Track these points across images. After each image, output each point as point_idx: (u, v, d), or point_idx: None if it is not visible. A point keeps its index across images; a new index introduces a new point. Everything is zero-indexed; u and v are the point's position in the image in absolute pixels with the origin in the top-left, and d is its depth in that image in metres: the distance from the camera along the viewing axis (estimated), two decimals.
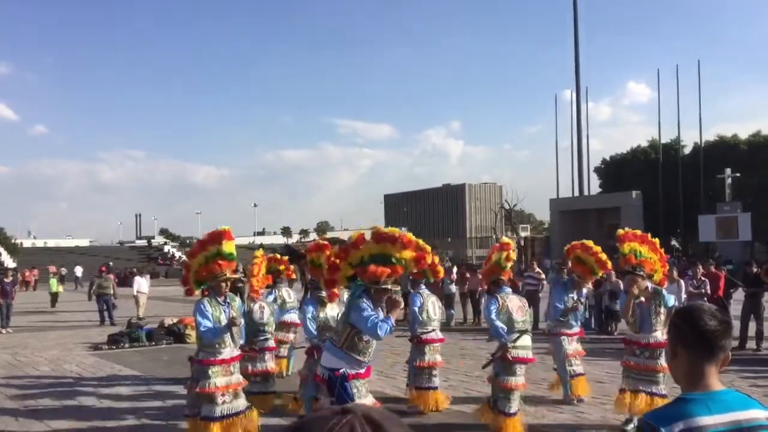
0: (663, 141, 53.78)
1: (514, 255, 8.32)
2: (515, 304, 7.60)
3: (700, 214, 45.53)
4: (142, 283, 21.61)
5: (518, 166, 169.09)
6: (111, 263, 35.21)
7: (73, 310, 25.53)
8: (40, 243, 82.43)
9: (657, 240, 8.22)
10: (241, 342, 7.48)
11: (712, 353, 2.12)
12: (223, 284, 7.03)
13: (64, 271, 49.35)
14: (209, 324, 6.76)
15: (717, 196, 45.50)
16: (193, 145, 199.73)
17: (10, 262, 54.23)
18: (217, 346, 6.85)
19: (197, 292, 7.33)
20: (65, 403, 9.39)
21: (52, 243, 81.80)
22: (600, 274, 8.29)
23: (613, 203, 50.13)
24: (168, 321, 16.48)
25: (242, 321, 7.26)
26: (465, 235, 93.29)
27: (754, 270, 13.76)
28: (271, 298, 10.32)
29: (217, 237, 7.13)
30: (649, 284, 7.61)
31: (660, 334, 7.43)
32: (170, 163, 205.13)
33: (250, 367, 8.63)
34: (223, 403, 6.77)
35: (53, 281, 29.56)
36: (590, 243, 9.27)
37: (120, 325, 17.81)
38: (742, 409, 2.08)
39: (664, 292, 7.68)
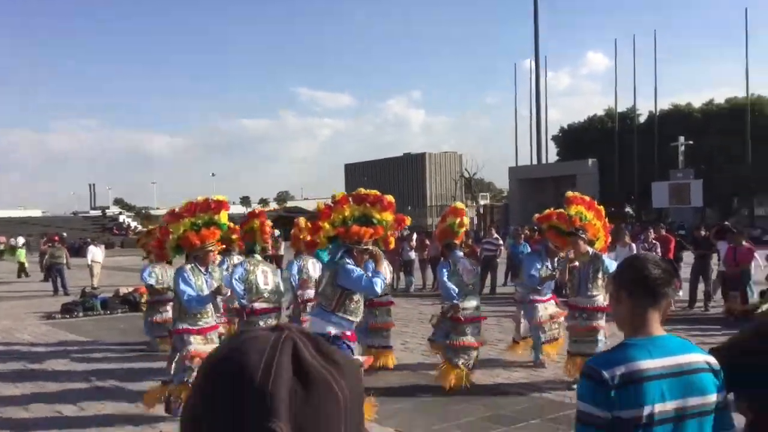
0: (619, 110, 54.54)
1: (467, 221, 8.46)
2: (466, 267, 7.93)
3: (653, 181, 46.48)
4: (96, 253, 21.21)
5: (478, 135, 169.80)
6: (65, 234, 34.42)
7: (25, 281, 25.00)
8: None
9: (603, 208, 8.32)
10: (244, 302, 7.52)
11: (654, 300, 2.15)
12: (210, 254, 6.86)
13: (13, 241, 48.12)
14: (192, 292, 6.59)
15: (670, 164, 46.44)
16: (148, 114, 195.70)
17: None
18: (198, 315, 6.73)
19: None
20: (16, 368, 9.23)
21: (3, 214, 79.59)
22: (602, 243, 8.29)
23: (570, 171, 50.86)
24: (123, 290, 16.24)
25: (228, 291, 7.12)
26: (425, 203, 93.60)
27: (703, 233, 14.14)
28: (224, 266, 10.21)
29: (216, 206, 6.89)
30: (589, 249, 7.72)
31: (601, 299, 7.58)
32: (124, 132, 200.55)
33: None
34: None
35: (21, 251, 28.76)
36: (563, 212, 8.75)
37: (74, 295, 17.48)
38: (682, 353, 2.11)
39: (605, 257, 7.78)
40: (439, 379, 7.74)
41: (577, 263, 7.73)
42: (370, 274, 6.02)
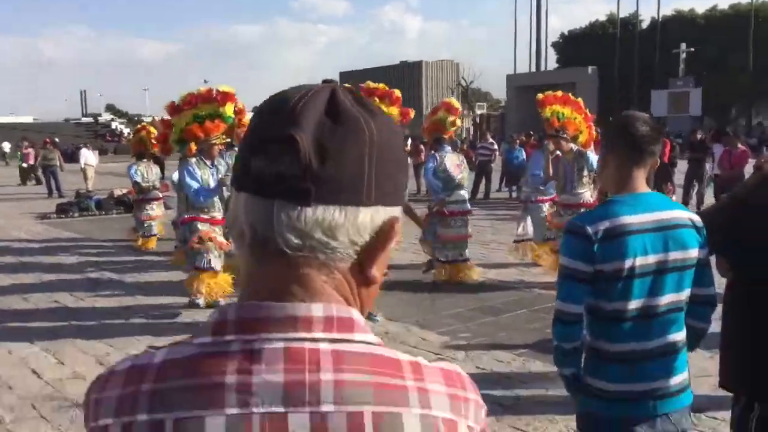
0: (621, 15, 53.27)
1: (459, 122, 8.34)
2: (453, 162, 7.89)
3: (653, 89, 45.93)
4: (89, 156, 21.08)
5: (475, 44, 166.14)
6: (57, 139, 34.06)
7: (18, 184, 24.94)
8: None
9: (581, 100, 7.99)
10: None
11: (641, 157, 2.13)
12: (215, 147, 6.72)
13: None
14: (196, 185, 6.50)
15: (671, 71, 45.76)
16: (139, 21, 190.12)
17: None
18: (205, 208, 6.70)
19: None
20: (12, 262, 9.36)
21: None
22: (586, 135, 8.01)
23: (569, 79, 50.04)
24: (117, 192, 16.27)
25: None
26: (421, 112, 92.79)
27: (699, 137, 14.07)
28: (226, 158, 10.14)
29: (222, 98, 6.66)
30: (573, 146, 7.52)
31: (587, 195, 7.54)
32: (115, 38, 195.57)
33: None
34: (218, 257, 6.73)
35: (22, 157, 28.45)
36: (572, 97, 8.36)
37: (68, 197, 17.52)
38: (665, 209, 2.12)
39: (589, 153, 7.51)
40: (429, 275, 7.84)
41: (559, 153, 7.57)
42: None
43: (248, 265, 0.76)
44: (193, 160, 6.66)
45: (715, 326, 2.31)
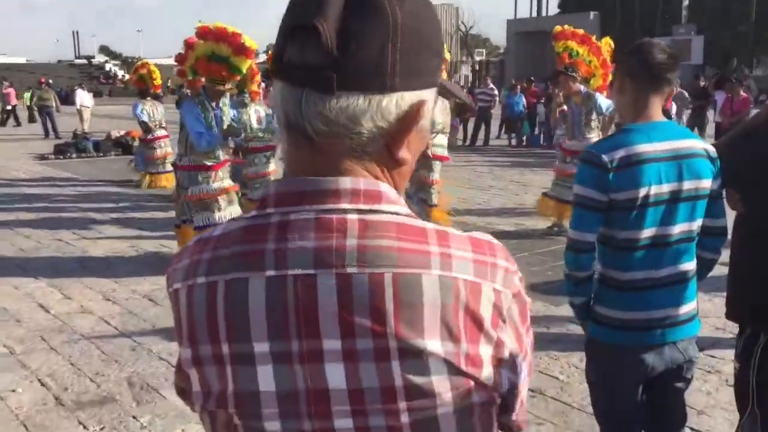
0: None
1: (448, 55, 8.07)
2: (439, 107, 7.70)
3: (655, 36, 45.30)
4: (84, 97, 20.83)
5: None
6: (50, 80, 33.60)
7: (13, 125, 24.72)
8: None
9: (608, 42, 7.62)
10: (239, 140, 7.46)
11: (658, 85, 2.12)
12: (219, 91, 6.29)
13: None
14: (201, 129, 6.11)
15: (673, 18, 45.08)
16: None
17: None
18: (208, 153, 6.28)
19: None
20: (13, 201, 9.36)
21: None
22: (600, 81, 7.64)
23: (570, 24, 49.28)
24: (115, 133, 16.15)
25: (241, 131, 6.87)
26: None
27: (702, 83, 13.96)
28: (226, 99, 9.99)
29: (236, 48, 6.15)
30: (582, 87, 7.20)
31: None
32: None
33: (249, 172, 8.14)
34: (219, 210, 6.30)
35: (28, 95, 28.00)
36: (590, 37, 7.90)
37: (65, 139, 17.39)
38: (681, 138, 2.12)
39: (598, 96, 7.19)
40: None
41: (565, 107, 7.29)
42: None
43: (287, 147, 0.82)
44: (196, 100, 6.35)
45: (716, 271, 2.33)
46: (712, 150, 2.16)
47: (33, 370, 4.09)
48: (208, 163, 6.27)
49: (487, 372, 0.78)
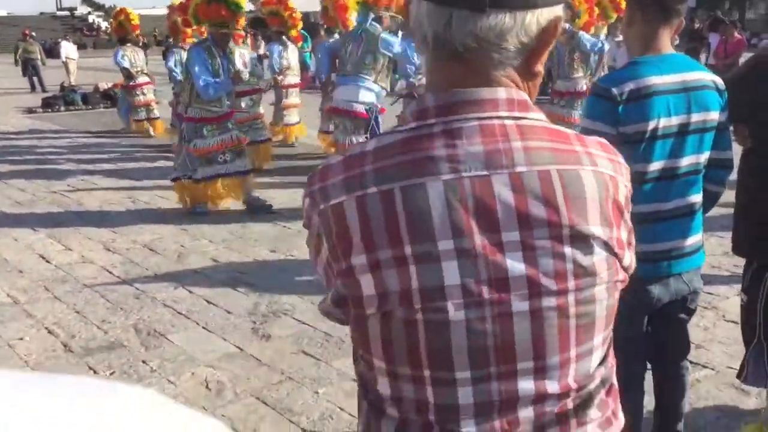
0: None
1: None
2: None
3: None
4: (70, 49, 20.45)
5: None
6: (34, 33, 32.85)
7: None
8: None
9: None
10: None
11: (667, 16, 2.10)
12: (225, 35, 6.06)
13: None
14: (209, 78, 5.86)
15: None
16: None
17: None
18: (212, 102, 6.09)
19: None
20: (3, 153, 9.28)
21: None
22: (613, 18, 7.61)
23: None
24: (103, 85, 15.90)
25: (247, 75, 6.80)
26: None
27: (696, 25, 13.82)
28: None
29: None
30: (566, 26, 7.02)
31: (581, 83, 7.31)
32: None
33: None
34: (224, 162, 6.17)
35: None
36: None
37: (52, 92, 17.12)
38: (690, 70, 2.11)
39: (582, 34, 7.11)
40: None
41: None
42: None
43: (432, 64, 0.88)
44: (202, 46, 6.09)
45: (713, 211, 2.35)
46: (721, 82, 2.15)
47: (39, 318, 4.12)
48: (215, 110, 6.12)
49: (626, 253, 0.91)
